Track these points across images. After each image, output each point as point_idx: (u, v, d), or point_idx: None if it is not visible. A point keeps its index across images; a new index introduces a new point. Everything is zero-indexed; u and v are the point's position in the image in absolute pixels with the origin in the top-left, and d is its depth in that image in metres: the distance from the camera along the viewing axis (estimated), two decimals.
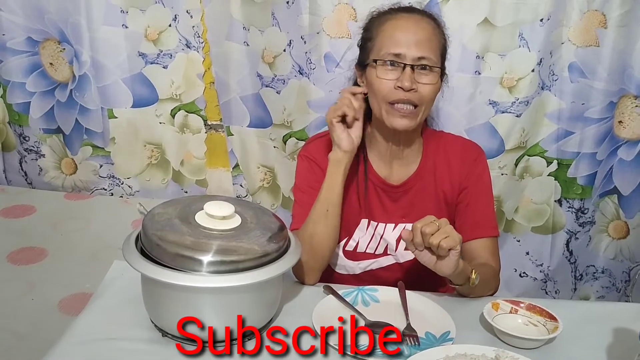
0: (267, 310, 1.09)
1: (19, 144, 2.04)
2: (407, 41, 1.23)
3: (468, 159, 1.37)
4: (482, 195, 1.36)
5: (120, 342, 1.03)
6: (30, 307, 1.38)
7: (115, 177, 2.01)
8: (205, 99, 1.91)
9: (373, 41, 1.28)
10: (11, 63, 1.92)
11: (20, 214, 1.81)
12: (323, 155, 1.34)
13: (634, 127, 1.73)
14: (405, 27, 1.25)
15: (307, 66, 1.75)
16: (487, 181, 1.37)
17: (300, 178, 1.38)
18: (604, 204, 1.85)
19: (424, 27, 1.26)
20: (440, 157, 1.37)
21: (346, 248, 1.39)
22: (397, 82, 1.22)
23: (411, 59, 1.22)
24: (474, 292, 1.22)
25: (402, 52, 1.22)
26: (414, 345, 1.06)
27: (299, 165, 1.39)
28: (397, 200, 1.36)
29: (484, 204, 1.36)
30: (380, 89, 1.25)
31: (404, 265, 1.38)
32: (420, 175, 1.36)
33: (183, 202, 1.12)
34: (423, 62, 1.23)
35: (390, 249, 1.38)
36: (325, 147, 1.35)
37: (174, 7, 1.81)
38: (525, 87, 1.70)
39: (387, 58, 1.24)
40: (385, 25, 1.27)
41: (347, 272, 1.42)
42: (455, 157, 1.37)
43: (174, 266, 0.98)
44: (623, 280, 1.90)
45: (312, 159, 1.36)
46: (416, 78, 1.23)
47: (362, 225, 1.37)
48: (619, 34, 1.64)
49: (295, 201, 1.38)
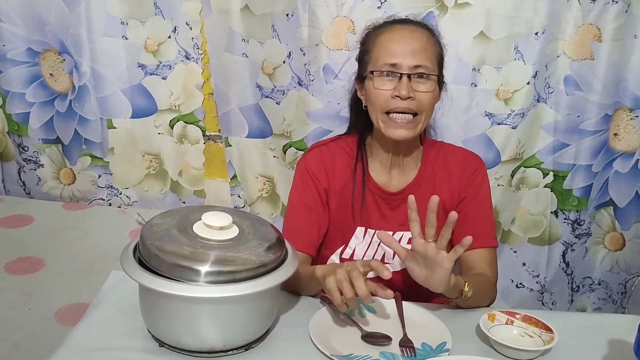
0: (264, 320, 1.09)
1: (17, 154, 2.05)
2: (402, 51, 1.24)
3: (469, 169, 1.37)
4: (481, 205, 1.37)
5: (118, 352, 1.03)
6: (28, 317, 1.38)
7: (113, 187, 2.02)
8: (204, 109, 1.92)
9: (370, 54, 1.30)
10: (11, 73, 1.94)
11: (18, 224, 1.81)
12: (320, 166, 1.36)
13: (629, 140, 1.74)
14: (400, 37, 1.27)
15: (306, 77, 1.76)
16: (486, 192, 1.38)
17: (294, 193, 1.39)
18: (600, 215, 1.86)
19: (419, 37, 1.27)
20: (440, 166, 1.38)
21: (342, 256, 1.39)
22: (394, 91, 1.24)
23: (407, 67, 1.24)
24: (469, 304, 1.21)
25: (398, 61, 1.24)
26: (410, 356, 1.06)
27: (295, 177, 1.40)
28: (395, 209, 1.37)
29: (484, 215, 1.37)
30: (377, 99, 1.26)
31: (402, 274, 1.36)
32: (419, 183, 1.37)
33: (181, 212, 1.13)
34: (419, 70, 1.24)
35: (388, 258, 1.38)
36: (322, 158, 1.37)
37: (173, 19, 1.82)
38: (521, 99, 1.71)
39: (383, 69, 1.25)
40: (381, 37, 1.29)
41: None
42: (456, 167, 1.37)
43: (171, 276, 0.98)
44: (619, 292, 1.90)
45: (308, 171, 1.37)
46: (413, 86, 1.24)
47: (359, 233, 1.37)
48: (614, 48, 1.66)
49: (286, 213, 1.40)
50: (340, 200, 1.36)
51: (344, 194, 1.35)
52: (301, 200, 1.36)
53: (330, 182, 1.37)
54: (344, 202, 1.36)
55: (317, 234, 1.36)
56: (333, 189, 1.37)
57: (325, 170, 1.37)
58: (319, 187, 1.36)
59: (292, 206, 1.38)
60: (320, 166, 1.37)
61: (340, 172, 1.37)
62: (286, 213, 1.40)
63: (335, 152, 1.40)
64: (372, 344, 1.10)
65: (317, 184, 1.36)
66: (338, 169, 1.37)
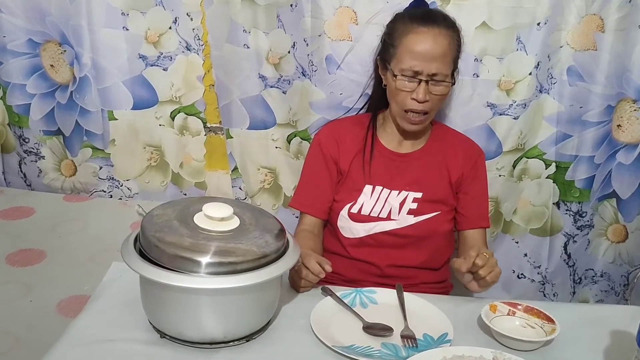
0: (266, 311, 1.09)
1: (18, 146, 2.04)
2: (424, 58, 1.38)
3: (472, 154, 1.56)
4: (482, 189, 1.57)
5: (119, 344, 1.03)
6: (29, 309, 1.38)
7: (114, 179, 2.02)
8: (205, 101, 1.91)
9: (395, 49, 1.43)
10: (12, 65, 1.92)
11: (19, 216, 1.81)
12: (329, 137, 1.56)
13: (632, 131, 1.73)
14: (424, 42, 1.39)
15: (309, 68, 1.76)
16: (485, 179, 1.59)
17: (306, 163, 1.60)
18: (602, 207, 1.85)
19: (441, 42, 1.39)
20: (447, 143, 1.56)
21: (351, 210, 1.51)
22: (413, 94, 1.40)
23: (427, 74, 1.38)
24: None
25: (419, 69, 1.38)
26: (412, 347, 1.07)
27: (310, 148, 1.61)
28: (403, 170, 1.52)
29: (483, 198, 1.58)
30: (398, 98, 1.44)
31: (405, 231, 1.49)
32: (427, 152, 1.54)
33: (182, 203, 1.13)
34: (436, 77, 1.40)
35: (394, 213, 1.50)
36: (334, 129, 1.58)
37: (174, 10, 1.81)
38: (523, 90, 1.70)
39: (406, 74, 1.39)
40: (407, 38, 1.40)
41: (352, 235, 1.52)
42: (461, 148, 1.56)
43: (172, 267, 0.98)
44: (622, 284, 1.90)
45: (319, 144, 1.56)
46: (429, 90, 1.40)
47: (367, 190, 1.51)
48: (617, 38, 1.65)
49: (299, 181, 1.62)
50: (351, 164, 1.53)
51: (356, 157, 1.52)
52: (310, 170, 1.58)
53: (341, 151, 1.54)
54: (356, 165, 1.52)
55: (326, 199, 1.54)
56: (344, 156, 1.53)
57: (336, 140, 1.54)
58: (327, 157, 1.54)
59: (303, 175, 1.61)
60: (330, 137, 1.55)
61: (352, 140, 1.55)
62: (299, 181, 1.61)
63: (348, 125, 1.59)
64: (374, 335, 1.10)
65: (326, 154, 1.54)
66: (349, 138, 1.55)
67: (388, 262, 1.50)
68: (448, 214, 1.53)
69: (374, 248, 1.50)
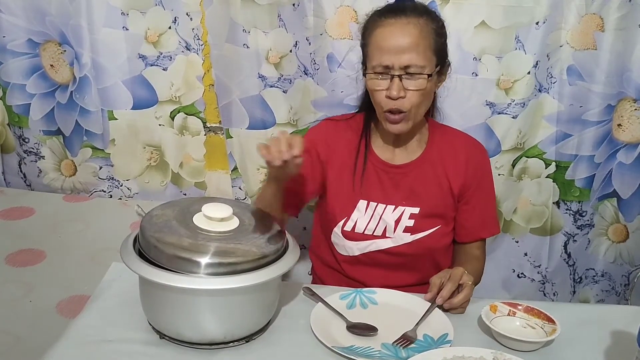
0: (265, 312, 1.09)
1: (18, 146, 2.04)
2: (394, 49, 1.26)
3: (475, 157, 1.44)
4: (487, 194, 1.45)
5: (118, 344, 1.03)
6: (28, 309, 1.38)
7: (114, 179, 2.02)
8: (205, 101, 1.91)
9: (367, 48, 1.33)
10: (11, 65, 1.92)
11: (19, 216, 1.81)
12: (321, 137, 1.44)
13: (633, 131, 1.73)
14: (391, 34, 1.28)
15: (312, 67, 1.76)
16: (491, 180, 1.46)
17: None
18: (603, 207, 1.85)
19: (410, 31, 1.27)
20: (447, 148, 1.43)
21: (344, 228, 1.42)
22: (387, 91, 1.29)
23: (398, 68, 1.26)
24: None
25: (389, 63, 1.27)
26: (406, 347, 1.06)
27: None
28: (398, 183, 1.41)
29: (488, 205, 1.46)
30: (375, 98, 1.33)
31: (401, 250, 1.40)
32: (423, 161, 1.42)
33: (181, 204, 1.13)
34: (410, 70, 1.27)
35: (389, 231, 1.40)
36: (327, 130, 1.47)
37: (174, 10, 1.81)
38: (522, 89, 1.70)
39: (377, 70, 1.29)
40: (375, 33, 1.30)
41: (347, 254, 1.44)
42: (462, 152, 1.43)
43: (171, 268, 0.98)
44: (622, 284, 1.90)
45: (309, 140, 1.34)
46: (405, 85, 1.28)
47: (361, 206, 1.41)
48: (617, 38, 1.65)
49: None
50: (342, 174, 1.41)
51: (347, 168, 1.41)
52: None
53: (331, 154, 1.43)
54: (347, 176, 1.41)
55: (301, 197, 1.42)
56: (333, 161, 1.42)
57: (327, 142, 1.43)
58: (314, 156, 1.41)
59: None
60: (321, 137, 1.44)
61: (344, 147, 1.43)
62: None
63: (343, 128, 1.46)
64: (358, 335, 1.09)
65: (313, 153, 1.40)
66: (342, 143, 1.44)
67: (383, 282, 1.33)
68: (448, 227, 1.43)
69: (369, 267, 1.42)
